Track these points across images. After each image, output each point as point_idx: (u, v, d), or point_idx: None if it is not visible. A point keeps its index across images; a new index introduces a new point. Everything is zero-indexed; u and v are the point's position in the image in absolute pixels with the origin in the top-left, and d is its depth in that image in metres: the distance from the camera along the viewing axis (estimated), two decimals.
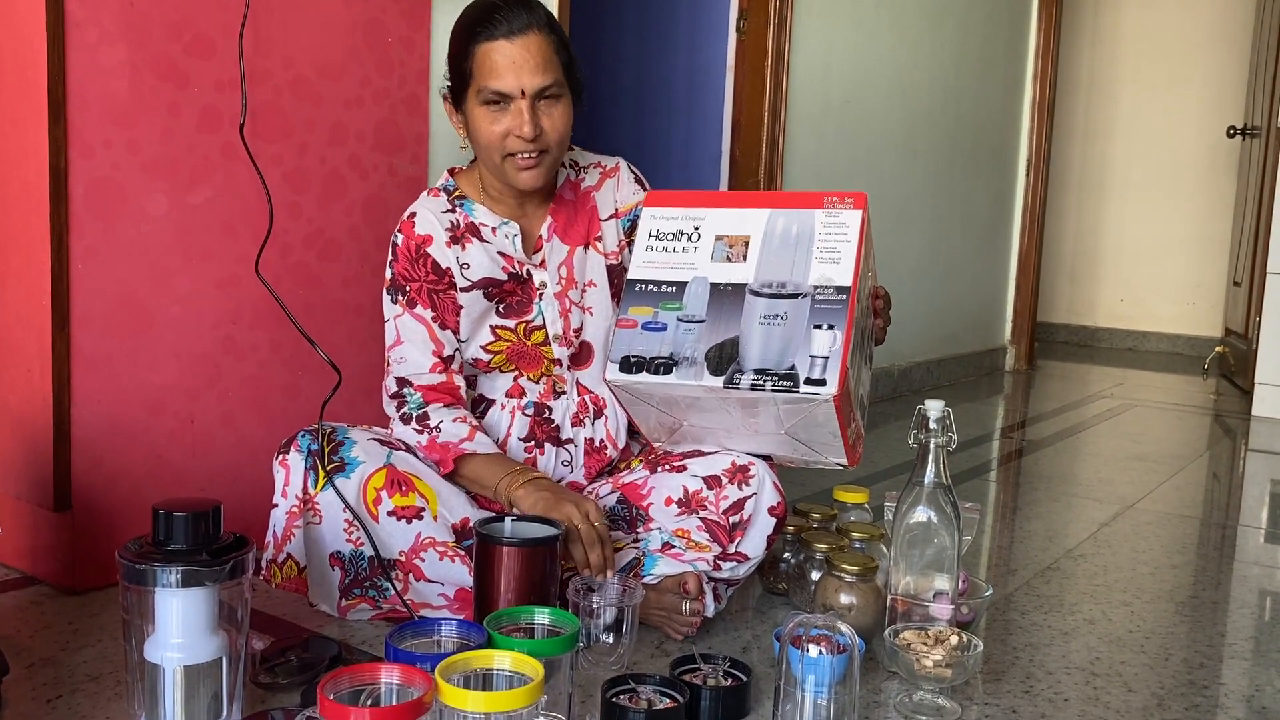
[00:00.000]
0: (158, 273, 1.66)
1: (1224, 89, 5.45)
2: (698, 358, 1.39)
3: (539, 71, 1.50)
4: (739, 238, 1.44)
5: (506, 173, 1.56)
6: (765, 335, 1.38)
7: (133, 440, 1.66)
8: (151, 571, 1.09)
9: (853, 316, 1.35)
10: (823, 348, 1.35)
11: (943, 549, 1.42)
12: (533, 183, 1.56)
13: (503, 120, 1.51)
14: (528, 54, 1.49)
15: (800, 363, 1.35)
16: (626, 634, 1.41)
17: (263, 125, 1.75)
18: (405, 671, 1.02)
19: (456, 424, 1.56)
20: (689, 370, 1.39)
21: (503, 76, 1.49)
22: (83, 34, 1.54)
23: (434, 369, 1.58)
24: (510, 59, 1.49)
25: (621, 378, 1.42)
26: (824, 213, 1.42)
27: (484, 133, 1.53)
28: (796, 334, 1.36)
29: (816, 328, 1.35)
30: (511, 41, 1.49)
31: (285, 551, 1.51)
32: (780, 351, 1.36)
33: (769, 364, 1.36)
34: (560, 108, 1.54)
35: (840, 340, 1.34)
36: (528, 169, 1.54)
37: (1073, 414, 3.78)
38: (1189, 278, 5.68)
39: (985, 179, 4.52)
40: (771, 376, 1.35)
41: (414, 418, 1.56)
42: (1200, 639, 1.68)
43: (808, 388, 1.33)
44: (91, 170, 1.57)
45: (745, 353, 1.38)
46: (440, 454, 1.54)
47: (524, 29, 1.49)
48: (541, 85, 1.50)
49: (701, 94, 3.29)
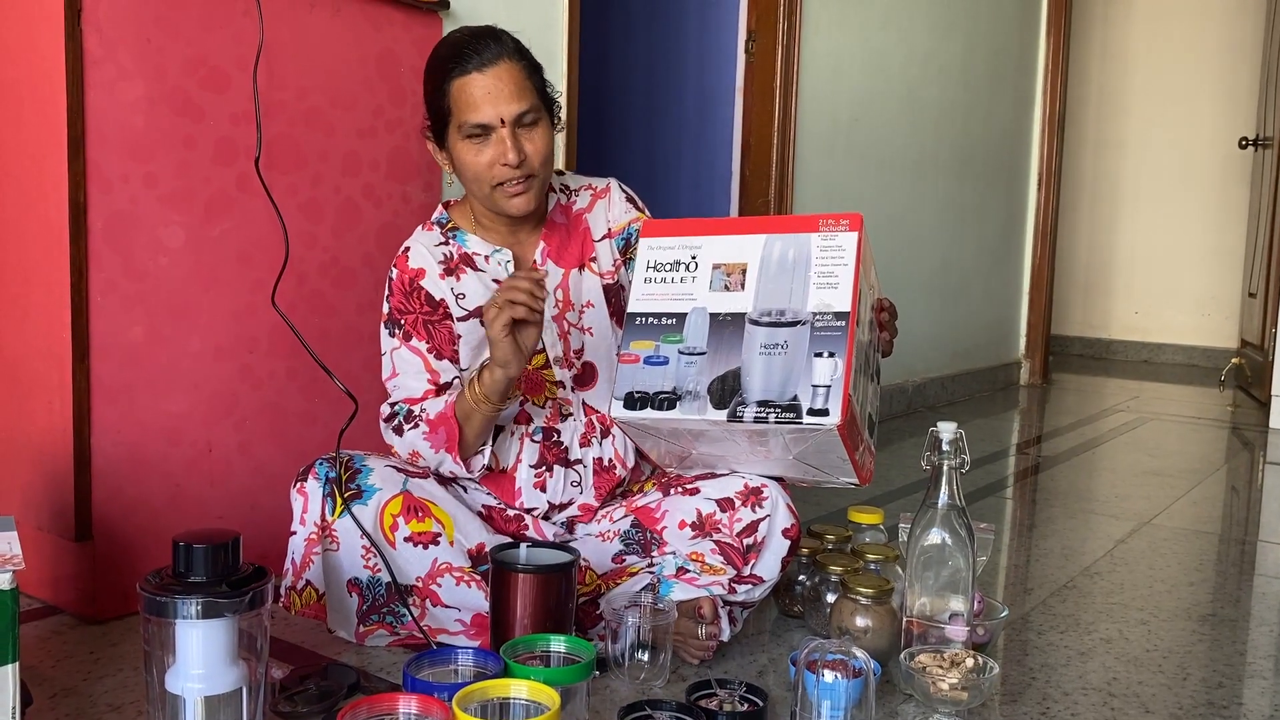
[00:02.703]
0: (175, 304, 1.68)
1: (1235, 100, 5.44)
2: (701, 391, 1.39)
3: (514, 99, 1.52)
4: (736, 265, 1.44)
5: (497, 202, 1.58)
6: (766, 365, 1.38)
7: (152, 470, 1.68)
8: (172, 604, 1.10)
9: (853, 342, 1.36)
10: (824, 376, 1.34)
11: (957, 571, 1.43)
12: (524, 207, 1.58)
13: (486, 151, 1.54)
14: (501, 83, 1.52)
15: (803, 393, 1.35)
16: (663, 651, 1.44)
17: (277, 157, 1.77)
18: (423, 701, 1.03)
19: (435, 401, 1.57)
20: (693, 405, 1.39)
21: (480, 109, 1.52)
22: (101, 71, 1.57)
23: (427, 395, 1.60)
24: (485, 91, 1.52)
25: (626, 414, 1.42)
26: (820, 236, 1.42)
27: (470, 165, 1.56)
28: (797, 363, 1.36)
29: (817, 355, 1.35)
30: (484, 73, 1.52)
31: (304, 578, 1.52)
32: (782, 382, 1.36)
33: (771, 395, 1.36)
34: (540, 130, 1.56)
35: (841, 368, 1.34)
36: (517, 195, 1.57)
37: (1088, 428, 3.77)
38: (1203, 289, 5.66)
39: (996, 193, 4.52)
40: (774, 408, 1.35)
41: (404, 422, 1.58)
42: (1219, 658, 1.67)
43: (811, 419, 1.33)
44: (110, 204, 1.60)
45: (747, 384, 1.38)
46: (443, 424, 1.54)
47: (495, 59, 1.52)
48: (519, 112, 1.53)
49: (711, 115, 3.31)
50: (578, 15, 2.39)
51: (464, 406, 1.53)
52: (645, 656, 1.44)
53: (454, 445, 1.55)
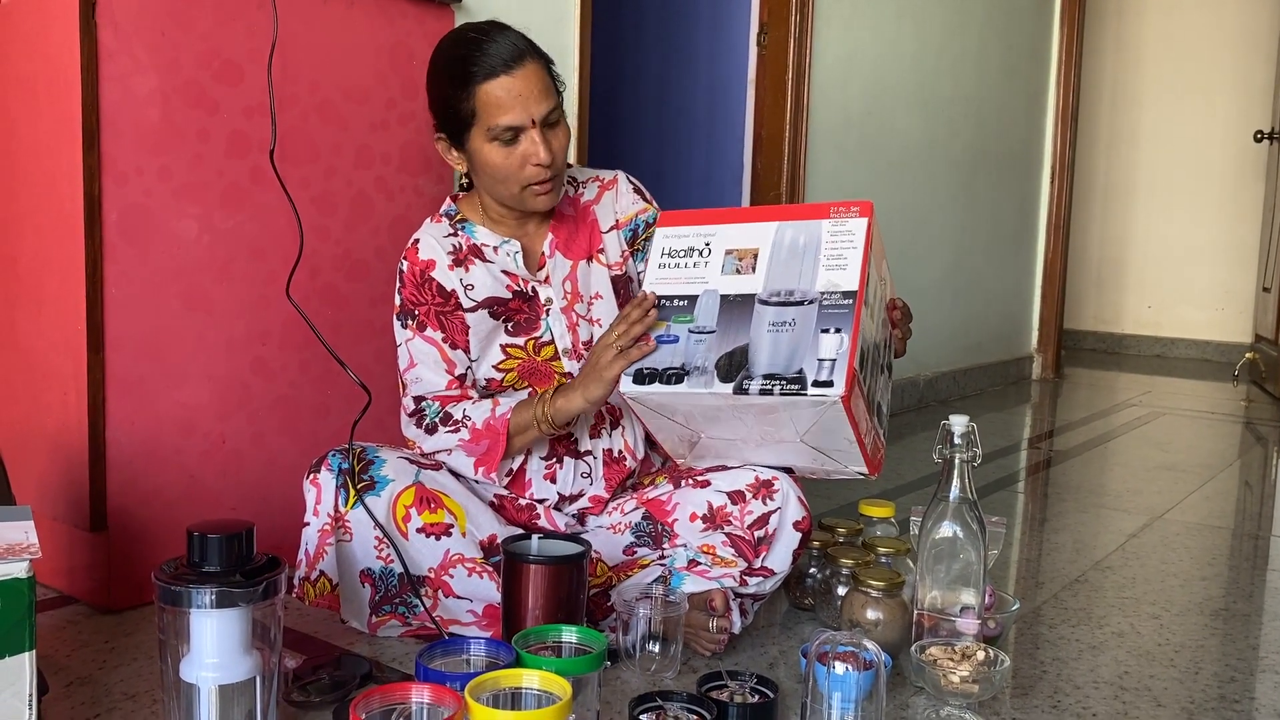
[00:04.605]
0: (189, 296, 1.69)
1: (1250, 93, 5.41)
2: (708, 366, 1.41)
3: (543, 99, 1.52)
4: (748, 250, 1.47)
5: (525, 200, 1.58)
6: (774, 342, 1.39)
7: (166, 461, 1.69)
8: (187, 593, 1.11)
9: (859, 320, 1.36)
10: (829, 351, 1.36)
11: (968, 564, 1.43)
12: (551, 204, 1.60)
13: (516, 152, 1.53)
14: (530, 84, 1.51)
15: (808, 366, 1.36)
16: (674, 642, 1.45)
17: (291, 150, 1.78)
18: (435, 691, 1.04)
19: (478, 406, 1.58)
20: (700, 379, 1.41)
21: (511, 110, 1.51)
22: (116, 64, 1.58)
23: (450, 385, 1.61)
24: (515, 93, 1.51)
25: (635, 389, 1.44)
26: (830, 222, 1.44)
27: (500, 167, 1.54)
28: (804, 339, 1.38)
29: (824, 331, 1.37)
30: (512, 75, 1.50)
31: (318, 569, 1.53)
32: (789, 357, 1.38)
33: (777, 369, 1.37)
34: (561, 128, 1.57)
35: (847, 343, 1.35)
36: (545, 194, 1.57)
37: (1100, 423, 3.76)
38: (1217, 283, 5.63)
39: (1009, 187, 4.50)
40: (780, 380, 1.37)
41: (439, 424, 1.58)
42: (1231, 652, 1.66)
43: (815, 390, 1.34)
44: (124, 196, 1.61)
45: (754, 359, 1.39)
46: (489, 435, 1.55)
47: (520, 60, 1.51)
48: (547, 111, 1.53)
49: (723, 108, 3.31)
50: (590, 8, 2.38)
51: (521, 420, 1.54)
52: (656, 648, 1.45)
53: (493, 460, 1.56)
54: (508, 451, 1.56)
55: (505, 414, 1.55)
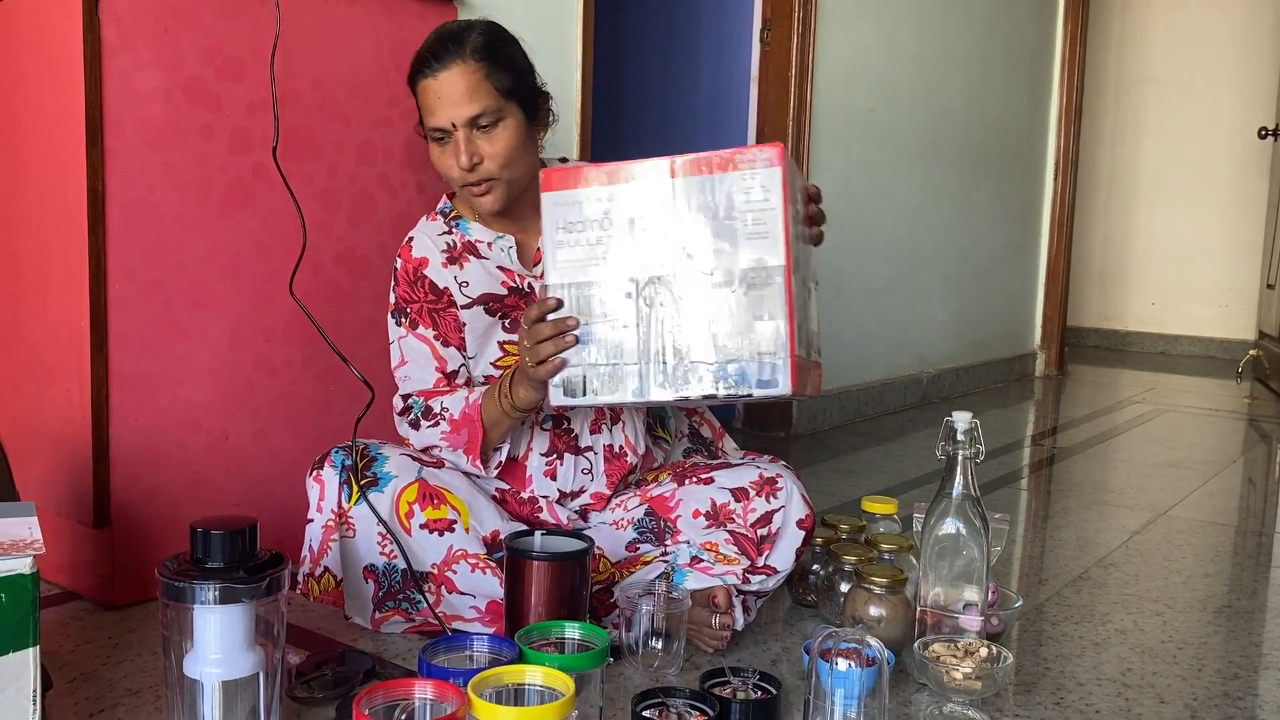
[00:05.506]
0: (193, 293, 1.69)
1: (1254, 90, 5.39)
2: (642, 360, 1.33)
3: (464, 102, 1.52)
4: (655, 219, 1.33)
5: (470, 201, 1.61)
6: (707, 327, 1.30)
7: (169, 457, 1.69)
8: (190, 589, 1.11)
9: (792, 295, 1.28)
10: (768, 343, 1.28)
11: (971, 561, 1.43)
12: (491, 207, 1.60)
13: (448, 153, 1.56)
14: (451, 87, 1.52)
15: (749, 366, 1.29)
16: (677, 639, 1.45)
17: (293, 146, 1.78)
18: (439, 687, 1.04)
19: (454, 397, 1.58)
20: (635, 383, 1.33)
21: (434, 113, 1.54)
22: (119, 60, 1.58)
23: (438, 384, 1.61)
24: (438, 95, 1.53)
25: (566, 400, 1.37)
26: (738, 176, 1.29)
27: (439, 166, 1.59)
28: (739, 324, 1.29)
29: (758, 320, 1.28)
30: (437, 78, 1.53)
31: (322, 565, 1.53)
32: (726, 344, 1.29)
33: (717, 359, 1.29)
34: (500, 131, 1.55)
35: (784, 331, 1.28)
36: (480, 195, 1.58)
37: (1104, 420, 3.75)
38: (1221, 280, 5.62)
39: (1013, 184, 4.50)
40: (722, 380, 1.30)
41: (422, 418, 1.59)
42: (1235, 649, 1.66)
43: (761, 390, 1.29)
44: (128, 192, 1.61)
45: (689, 347, 1.31)
46: (466, 425, 1.55)
47: (448, 63, 1.52)
48: (470, 115, 1.53)
49: (726, 104, 3.30)
50: (592, 5, 2.38)
51: (491, 413, 1.53)
52: (659, 644, 1.45)
53: (475, 448, 1.56)
54: (488, 440, 1.56)
55: (477, 400, 1.55)
